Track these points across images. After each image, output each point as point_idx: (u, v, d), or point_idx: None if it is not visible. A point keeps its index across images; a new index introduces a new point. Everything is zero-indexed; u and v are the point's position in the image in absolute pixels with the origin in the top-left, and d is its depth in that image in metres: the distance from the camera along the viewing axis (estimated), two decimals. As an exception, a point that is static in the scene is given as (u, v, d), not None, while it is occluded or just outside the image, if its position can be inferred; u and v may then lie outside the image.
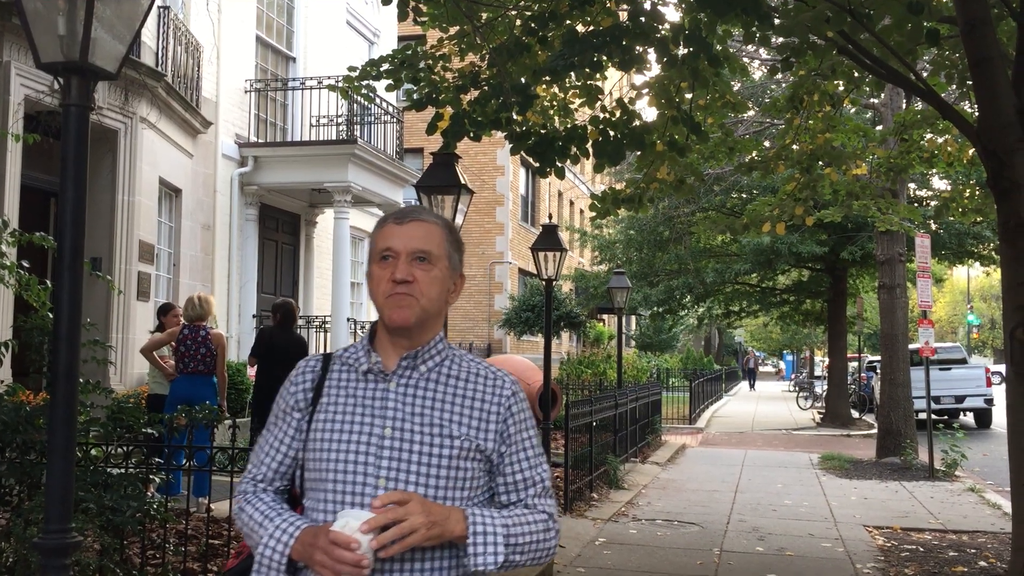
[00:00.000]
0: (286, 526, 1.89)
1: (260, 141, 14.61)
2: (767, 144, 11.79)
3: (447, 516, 1.84)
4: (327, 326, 14.37)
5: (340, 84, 7.61)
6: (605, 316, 35.61)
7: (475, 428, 1.93)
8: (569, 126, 7.06)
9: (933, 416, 13.75)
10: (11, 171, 8.83)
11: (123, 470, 4.99)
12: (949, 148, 9.33)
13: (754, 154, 9.31)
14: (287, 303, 9.23)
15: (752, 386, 46.02)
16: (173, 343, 8.33)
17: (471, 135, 6.28)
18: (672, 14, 6.97)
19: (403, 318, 1.92)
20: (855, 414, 24.06)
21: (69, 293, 2.88)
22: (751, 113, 14.56)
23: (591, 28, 6.34)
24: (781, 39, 6.04)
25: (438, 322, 2.00)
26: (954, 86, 7.55)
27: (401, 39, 18.40)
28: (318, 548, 1.79)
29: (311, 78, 14.47)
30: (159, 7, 10.98)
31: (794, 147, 8.83)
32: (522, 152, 6.51)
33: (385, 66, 7.08)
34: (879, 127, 14.12)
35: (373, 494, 1.85)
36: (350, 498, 1.87)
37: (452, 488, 1.90)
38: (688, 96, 6.95)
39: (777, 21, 5.48)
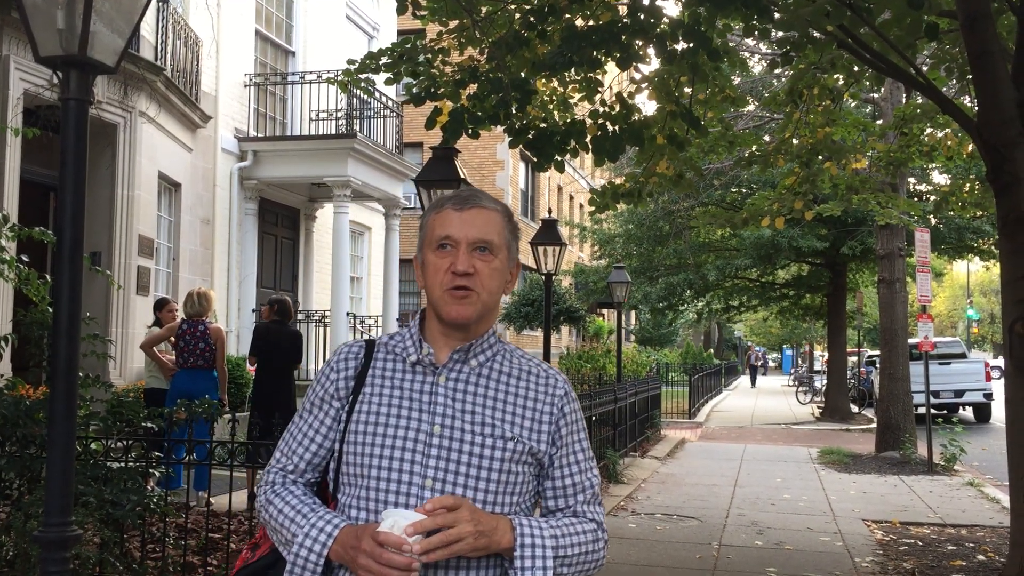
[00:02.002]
0: (323, 524, 1.74)
1: (259, 135, 14.60)
2: (767, 138, 11.78)
3: (495, 527, 1.71)
4: (327, 320, 14.38)
5: (339, 77, 7.61)
6: (605, 311, 35.62)
7: (528, 429, 1.82)
8: (568, 120, 7.06)
9: (932, 410, 13.76)
10: (10, 165, 8.83)
11: (123, 464, 5.00)
12: (949, 142, 9.33)
13: (754, 148, 9.31)
14: (283, 299, 9.23)
15: (753, 383, 43.23)
16: (172, 338, 8.34)
17: (469, 131, 6.27)
18: (671, 8, 6.97)
19: (464, 315, 1.80)
20: (854, 408, 24.09)
21: (69, 288, 2.88)
22: (751, 107, 14.55)
23: (590, 23, 6.33)
24: (781, 33, 6.04)
25: (494, 315, 1.89)
26: (954, 80, 7.56)
27: (400, 33, 18.31)
28: (362, 550, 1.65)
29: (310, 72, 14.46)
30: (158, 1, 10.96)
31: (794, 141, 8.83)
32: (521, 146, 6.51)
33: (384, 59, 7.08)
34: (879, 121, 14.12)
35: (419, 494, 1.73)
36: (393, 497, 1.74)
37: (502, 493, 1.78)
38: (688, 90, 6.95)
39: (777, 15, 5.48)
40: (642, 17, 5.62)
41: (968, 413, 22.17)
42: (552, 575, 1.74)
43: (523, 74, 6.49)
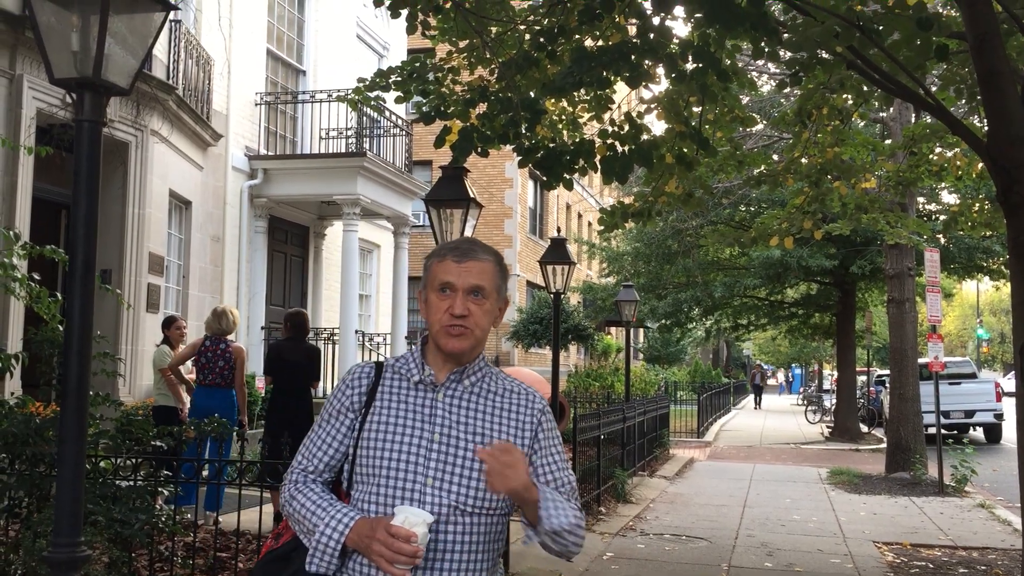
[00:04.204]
0: (341, 516, 2.04)
1: (270, 154, 14.67)
2: (776, 157, 11.78)
3: (529, 482, 2.03)
4: (335, 338, 14.39)
5: (350, 95, 7.64)
6: (613, 329, 35.55)
7: (511, 436, 2.14)
8: (577, 140, 7.07)
9: (943, 431, 13.66)
10: (23, 183, 8.88)
11: (132, 482, 5.00)
12: (958, 162, 9.31)
13: (763, 167, 9.30)
14: (298, 313, 9.16)
15: (758, 404, 40.78)
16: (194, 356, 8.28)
17: (479, 151, 6.28)
18: (681, 29, 7.00)
19: (460, 348, 2.13)
20: (864, 428, 23.94)
21: (80, 307, 2.89)
22: (760, 127, 14.56)
23: (600, 43, 6.35)
24: (790, 54, 6.04)
25: (484, 344, 2.21)
26: (963, 101, 7.53)
27: (411, 52, 18.44)
28: (377, 539, 1.95)
29: (321, 91, 14.54)
30: (171, 21, 11.05)
31: (803, 160, 8.83)
32: (530, 165, 6.52)
33: (394, 77, 7.11)
34: (888, 141, 14.11)
35: (421, 491, 2.05)
36: (400, 493, 2.05)
37: (489, 491, 2.05)
38: (697, 110, 6.96)
39: (785, 36, 5.49)
40: (652, 37, 5.63)
41: (979, 434, 22.02)
42: (568, 520, 2.06)
43: (533, 94, 6.51)
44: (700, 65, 5.57)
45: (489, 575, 2.12)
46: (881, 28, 5.37)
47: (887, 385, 17.87)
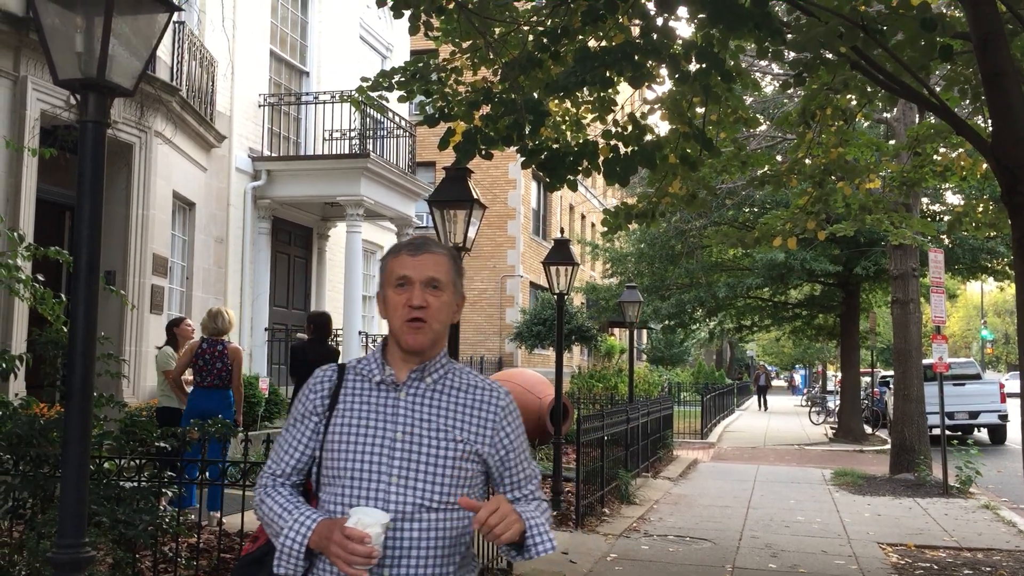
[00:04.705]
0: (303, 519, 2.10)
1: (273, 155, 14.68)
2: (779, 158, 11.76)
3: (516, 516, 2.09)
4: (339, 339, 14.39)
5: (353, 95, 7.64)
6: (616, 330, 35.54)
7: (474, 433, 2.18)
8: (581, 141, 7.07)
9: (947, 432, 13.64)
10: (27, 185, 8.90)
11: (136, 483, 5.00)
12: (962, 162, 9.29)
13: (766, 168, 9.30)
14: (322, 315, 9.18)
15: (762, 405, 38.74)
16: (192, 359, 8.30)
17: (482, 153, 6.28)
18: (684, 29, 6.98)
19: (419, 343, 2.17)
20: (868, 429, 23.91)
21: (85, 309, 2.89)
22: (763, 127, 14.54)
23: (603, 44, 6.35)
24: (793, 54, 6.04)
25: (444, 339, 2.26)
26: (967, 101, 7.53)
27: (414, 53, 18.45)
28: (333, 541, 2.01)
29: (324, 92, 14.55)
30: (174, 23, 11.06)
31: (807, 161, 8.82)
32: (533, 167, 6.52)
33: (398, 77, 7.11)
34: (892, 141, 14.09)
35: (386, 491, 2.09)
36: (365, 493, 2.10)
37: (455, 486, 2.13)
38: (700, 111, 6.95)
39: (789, 36, 5.48)
40: (655, 38, 5.63)
41: (983, 435, 21.98)
42: (552, 544, 2.15)
43: (536, 95, 6.50)
44: (703, 66, 5.56)
45: (459, 567, 2.17)
46: (885, 28, 5.37)
47: (891, 386, 17.84)
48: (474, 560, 2.27)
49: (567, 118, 7.60)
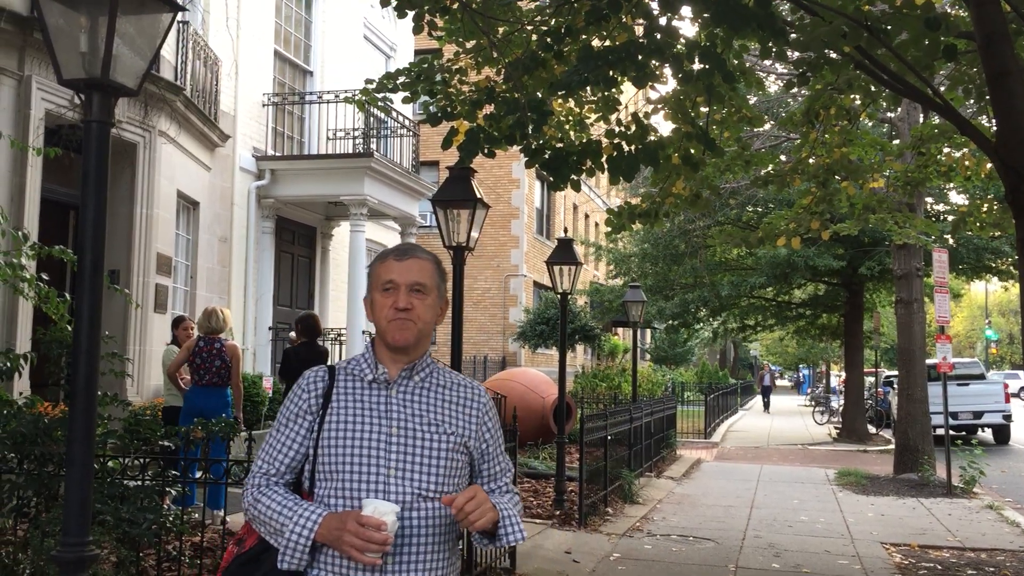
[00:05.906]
0: (308, 514, 2.16)
1: (277, 154, 14.70)
2: (783, 158, 11.75)
3: (490, 506, 2.20)
4: (343, 338, 14.41)
5: (357, 97, 7.65)
6: (620, 329, 35.50)
7: (461, 426, 2.31)
8: (584, 140, 7.07)
9: (951, 432, 13.61)
10: (31, 184, 8.92)
11: (140, 482, 5.01)
12: (967, 162, 9.28)
13: (770, 167, 9.29)
14: (308, 316, 9.20)
15: (766, 406, 38.43)
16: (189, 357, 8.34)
17: (486, 152, 6.29)
18: (688, 29, 6.98)
19: (405, 339, 2.28)
20: (872, 429, 23.88)
21: (89, 308, 2.90)
22: (767, 127, 14.53)
23: (607, 43, 6.35)
24: (797, 54, 6.04)
25: (428, 340, 2.38)
26: (972, 101, 7.51)
27: (418, 53, 18.49)
28: (347, 530, 2.08)
29: (328, 92, 14.55)
30: (179, 22, 11.07)
31: (810, 161, 8.81)
32: (537, 166, 6.52)
33: (402, 79, 7.12)
34: (896, 141, 14.07)
35: (384, 482, 2.19)
36: (364, 487, 2.19)
37: (449, 476, 2.25)
38: (704, 111, 6.95)
39: (793, 36, 5.48)
40: (659, 37, 5.63)
41: (987, 435, 21.96)
42: (523, 535, 2.28)
43: (540, 94, 6.50)
44: (706, 66, 5.56)
45: (450, 554, 2.28)
46: (889, 28, 5.36)
47: (895, 386, 17.83)
48: (460, 553, 2.39)
49: (570, 117, 7.59)
